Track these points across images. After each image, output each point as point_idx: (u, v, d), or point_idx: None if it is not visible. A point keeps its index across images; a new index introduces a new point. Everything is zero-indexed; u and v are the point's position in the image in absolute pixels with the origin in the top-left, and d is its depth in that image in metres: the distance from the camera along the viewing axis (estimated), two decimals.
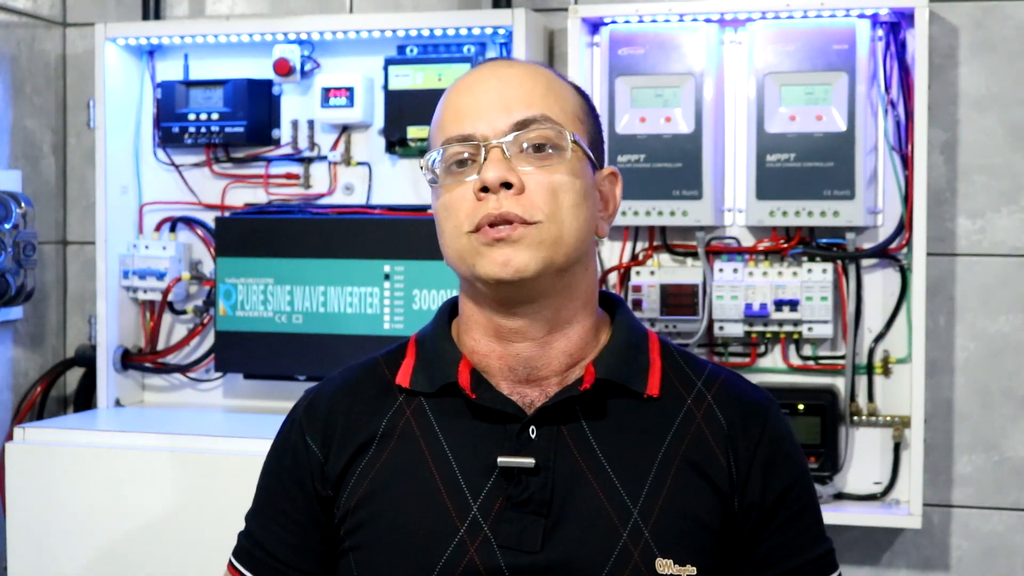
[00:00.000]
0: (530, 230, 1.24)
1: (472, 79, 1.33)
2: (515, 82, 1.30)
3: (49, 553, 2.40)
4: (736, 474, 1.30)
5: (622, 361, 1.32)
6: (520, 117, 1.27)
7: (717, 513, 1.29)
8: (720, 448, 1.30)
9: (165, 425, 2.57)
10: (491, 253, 1.25)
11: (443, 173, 1.30)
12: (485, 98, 1.29)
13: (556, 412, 1.29)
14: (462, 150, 1.28)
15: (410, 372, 1.35)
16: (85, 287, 2.97)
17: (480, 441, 1.29)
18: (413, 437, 1.32)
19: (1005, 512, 2.56)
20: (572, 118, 1.31)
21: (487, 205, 1.25)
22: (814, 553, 1.34)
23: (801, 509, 1.34)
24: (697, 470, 1.29)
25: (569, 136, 1.28)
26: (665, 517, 1.26)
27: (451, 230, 1.28)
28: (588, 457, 1.28)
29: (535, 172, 1.26)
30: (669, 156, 2.50)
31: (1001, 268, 2.54)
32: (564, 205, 1.26)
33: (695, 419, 1.31)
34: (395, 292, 2.65)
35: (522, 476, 1.27)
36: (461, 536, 1.26)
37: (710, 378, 1.35)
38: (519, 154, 1.27)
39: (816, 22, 2.46)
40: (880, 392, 2.55)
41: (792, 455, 1.35)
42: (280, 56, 2.72)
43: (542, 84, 1.31)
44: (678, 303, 2.55)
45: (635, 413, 1.31)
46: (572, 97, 1.34)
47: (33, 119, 2.90)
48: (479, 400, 1.29)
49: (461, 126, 1.29)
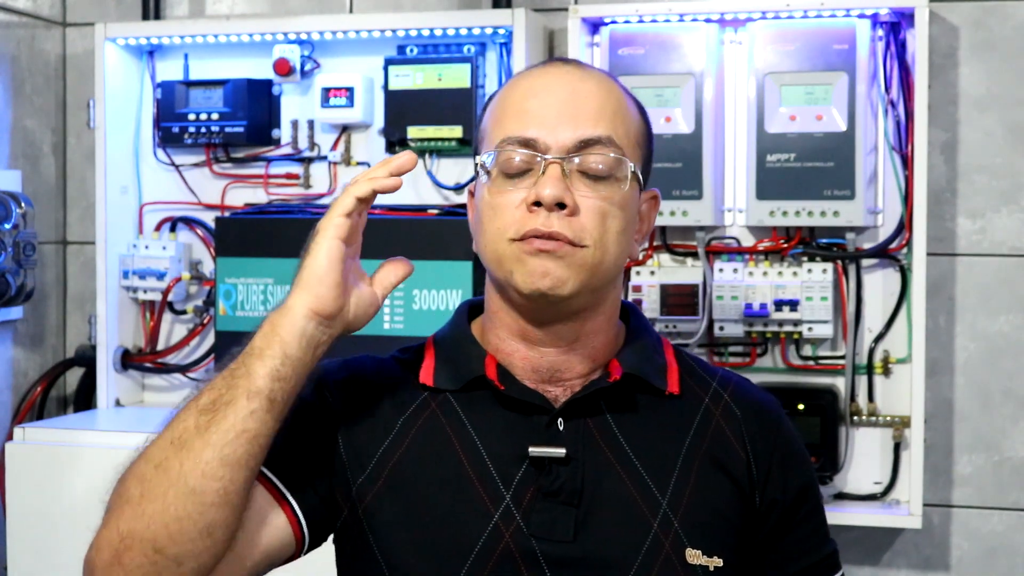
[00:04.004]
0: (575, 252, 1.23)
1: (542, 81, 1.29)
2: (587, 96, 1.27)
3: (49, 553, 2.40)
4: (756, 471, 1.31)
5: (643, 359, 1.33)
6: (586, 135, 1.25)
7: (738, 508, 1.30)
8: (739, 445, 1.32)
9: None
10: (532, 263, 1.23)
11: (496, 173, 1.27)
12: (554, 107, 1.26)
13: (583, 405, 1.29)
14: (520, 155, 1.25)
15: (432, 371, 1.33)
16: (85, 287, 2.97)
17: (509, 431, 1.28)
18: (440, 425, 1.30)
19: (1005, 512, 2.56)
20: (633, 143, 1.29)
21: (537, 219, 1.23)
22: (824, 552, 1.36)
23: (814, 508, 1.36)
24: (718, 466, 1.30)
25: (629, 165, 1.27)
26: (692, 509, 1.27)
27: (494, 232, 1.26)
28: (615, 450, 1.29)
29: (589, 195, 1.24)
30: (669, 156, 2.50)
31: (1001, 268, 2.54)
32: (611, 231, 1.25)
33: (714, 416, 1.33)
34: (395, 292, 2.63)
35: (553, 466, 1.26)
36: (496, 522, 1.25)
37: (723, 381, 1.37)
38: (577, 173, 1.25)
39: (816, 22, 2.46)
40: (880, 392, 2.55)
41: (805, 456, 1.38)
42: (280, 56, 2.72)
43: (612, 102, 1.29)
44: (678, 303, 2.55)
45: (657, 409, 1.32)
46: (636, 119, 1.32)
47: (33, 119, 2.90)
48: (507, 391, 1.29)
49: (524, 127, 1.26)
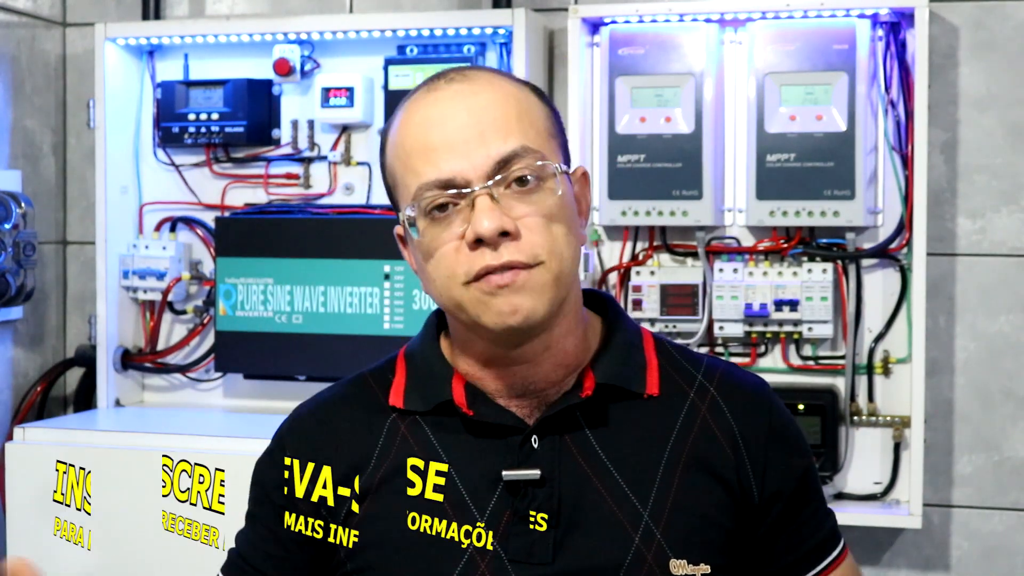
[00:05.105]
0: (533, 273, 1.18)
1: (437, 110, 1.22)
2: (486, 111, 1.21)
3: (49, 553, 2.40)
4: (750, 466, 1.28)
5: (619, 362, 1.29)
6: (500, 154, 1.19)
7: (728, 509, 1.27)
8: (728, 443, 1.28)
9: (165, 425, 2.57)
10: (496, 303, 1.18)
11: (423, 221, 1.21)
12: (458, 134, 1.20)
13: (557, 421, 1.26)
14: (444, 198, 1.19)
15: (402, 391, 1.30)
16: (85, 287, 2.97)
17: (482, 456, 1.26)
18: (411, 452, 1.28)
19: (1005, 512, 2.56)
20: (546, 138, 1.24)
21: (484, 257, 1.18)
22: (827, 528, 1.35)
23: (815, 488, 1.34)
24: (704, 467, 1.27)
25: (554, 168, 1.22)
26: (676, 517, 1.25)
27: (444, 280, 1.21)
28: (593, 463, 1.26)
29: (526, 210, 1.19)
30: (669, 156, 2.50)
31: (1001, 268, 2.54)
32: (559, 238, 1.20)
33: (699, 414, 1.29)
34: (395, 292, 2.65)
35: (528, 488, 1.24)
36: (471, 553, 1.24)
37: (709, 370, 1.33)
38: (505, 193, 1.19)
39: (816, 22, 2.46)
40: (880, 392, 2.55)
41: (798, 437, 1.35)
42: (280, 56, 2.72)
43: (513, 107, 1.22)
44: (678, 303, 2.55)
45: (637, 414, 1.29)
46: (540, 111, 1.26)
47: (33, 119, 2.90)
48: (477, 416, 1.26)
49: (437, 169, 1.19)
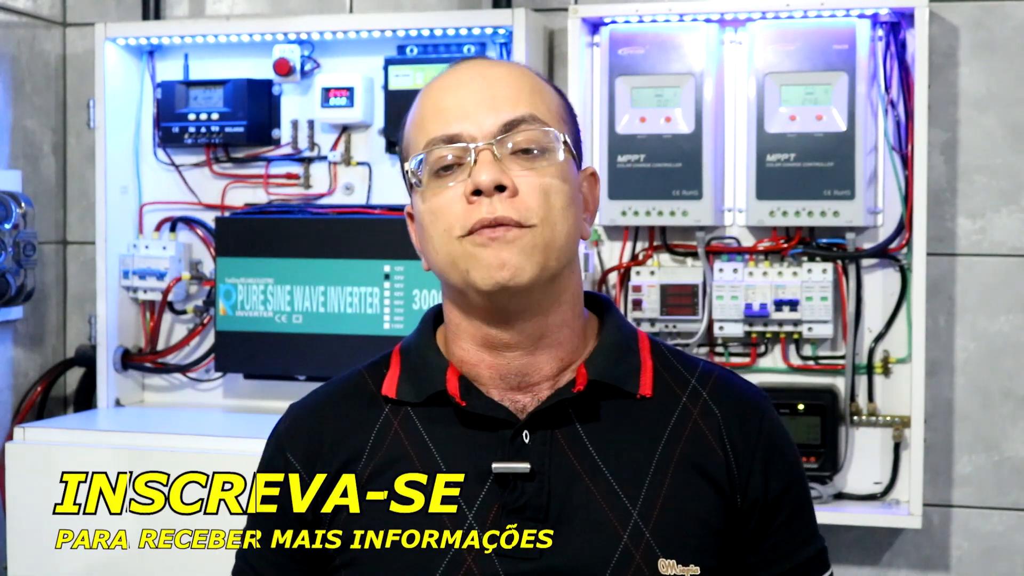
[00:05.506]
0: (524, 233, 1.21)
1: (454, 78, 1.28)
2: (500, 81, 1.26)
3: (49, 553, 2.40)
4: (737, 471, 1.28)
5: (613, 362, 1.29)
6: (508, 117, 1.24)
7: (718, 511, 1.27)
8: (718, 445, 1.28)
9: (165, 425, 2.58)
10: (485, 255, 1.21)
11: (428, 176, 1.26)
12: (470, 97, 1.25)
13: (549, 416, 1.26)
14: (449, 152, 1.24)
15: (396, 382, 1.31)
16: (85, 287, 2.97)
17: (472, 448, 1.26)
18: (402, 448, 1.29)
19: (1005, 512, 2.56)
20: (557, 118, 1.28)
21: (480, 209, 1.21)
22: (810, 551, 1.33)
23: (800, 507, 1.32)
24: (696, 468, 1.27)
25: (559, 137, 1.25)
26: (665, 517, 1.25)
27: (440, 235, 1.24)
28: (584, 460, 1.26)
29: (526, 174, 1.23)
30: (669, 156, 2.50)
31: (1001, 268, 2.54)
32: (556, 207, 1.23)
33: (691, 417, 1.29)
34: (395, 292, 2.65)
35: (517, 482, 1.24)
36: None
37: (703, 375, 1.33)
38: (509, 156, 1.23)
39: (816, 22, 2.46)
40: (880, 392, 2.55)
41: (790, 452, 1.34)
42: (280, 56, 2.72)
43: (528, 83, 1.28)
44: (678, 303, 2.55)
45: (629, 414, 1.29)
46: (555, 97, 1.30)
47: (33, 119, 2.90)
48: (469, 407, 1.26)
49: (447, 126, 1.24)
